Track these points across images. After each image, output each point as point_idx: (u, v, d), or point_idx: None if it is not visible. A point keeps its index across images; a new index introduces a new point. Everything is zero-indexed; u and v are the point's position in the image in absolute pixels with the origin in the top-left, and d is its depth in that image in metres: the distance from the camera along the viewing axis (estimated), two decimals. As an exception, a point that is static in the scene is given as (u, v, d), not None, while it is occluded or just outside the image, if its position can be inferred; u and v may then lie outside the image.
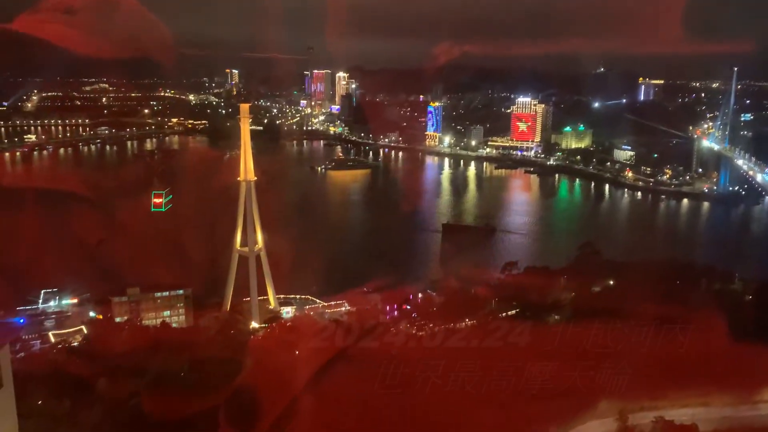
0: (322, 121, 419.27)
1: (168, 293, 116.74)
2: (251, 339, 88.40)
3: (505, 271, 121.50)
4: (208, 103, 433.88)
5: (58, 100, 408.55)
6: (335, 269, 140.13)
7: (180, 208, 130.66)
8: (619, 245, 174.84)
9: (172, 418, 49.31)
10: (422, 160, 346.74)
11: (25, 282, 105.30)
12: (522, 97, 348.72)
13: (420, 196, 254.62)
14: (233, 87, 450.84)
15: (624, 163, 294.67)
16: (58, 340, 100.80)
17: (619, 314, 73.45)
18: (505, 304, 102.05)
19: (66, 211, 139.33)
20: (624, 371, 56.29)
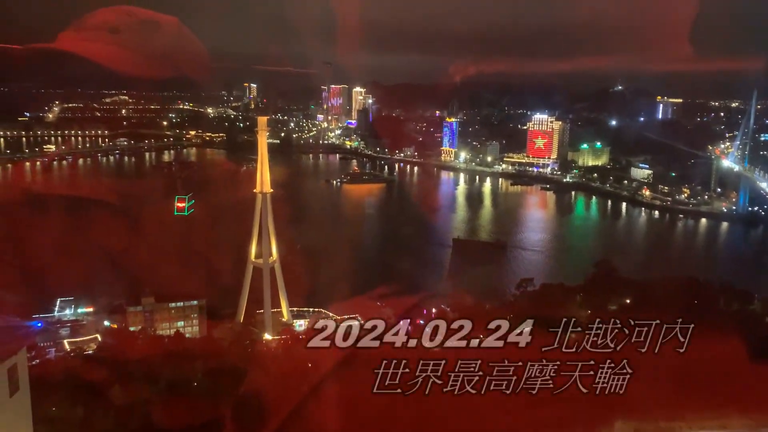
0: (338, 135, 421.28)
1: (182, 303, 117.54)
2: (264, 350, 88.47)
3: (520, 288, 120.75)
4: (226, 116, 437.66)
5: (78, 111, 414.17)
6: (349, 283, 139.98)
7: (197, 218, 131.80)
8: (635, 264, 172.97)
9: (184, 427, 49.37)
10: (437, 175, 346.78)
11: (41, 289, 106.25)
12: (539, 114, 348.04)
13: (435, 211, 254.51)
14: (251, 101, 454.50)
15: (641, 181, 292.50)
16: (73, 348, 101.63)
17: (635, 332, 72.68)
18: (519, 321, 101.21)
19: (84, 220, 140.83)
20: (639, 390, 55.47)
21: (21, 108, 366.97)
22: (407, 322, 31.58)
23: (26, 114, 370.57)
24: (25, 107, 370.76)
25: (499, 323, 31.78)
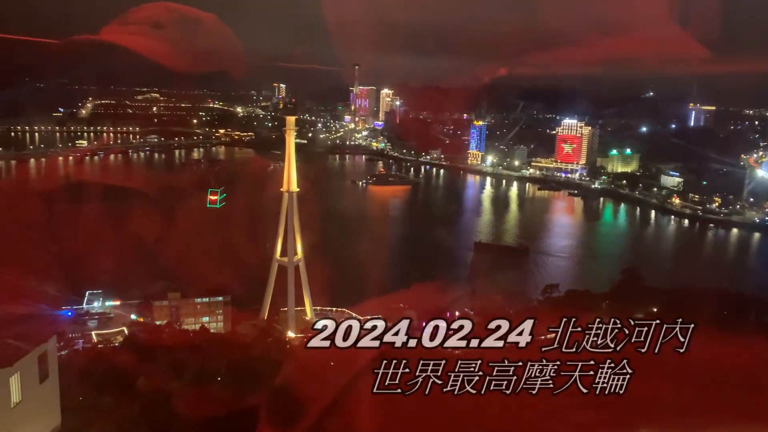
0: (365, 137, 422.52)
1: (208, 299, 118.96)
2: (287, 348, 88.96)
3: (545, 293, 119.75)
4: (254, 115, 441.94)
5: (111, 107, 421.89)
6: (372, 283, 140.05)
7: (223, 215, 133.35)
8: (664, 272, 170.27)
9: (207, 420, 49.89)
10: (464, 178, 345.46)
11: (71, 281, 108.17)
12: (568, 119, 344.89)
13: (460, 214, 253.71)
14: (280, 101, 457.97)
15: (671, 189, 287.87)
16: (100, 339, 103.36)
17: (663, 342, 71.50)
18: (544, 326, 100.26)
19: (114, 215, 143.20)
20: (666, 402, 54.54)
21: (56, 104, 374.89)
22: (407, 322, 31.40)
23: (60, 109, 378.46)
24: (60, 103, 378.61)
25: (499, 323, 31.56)
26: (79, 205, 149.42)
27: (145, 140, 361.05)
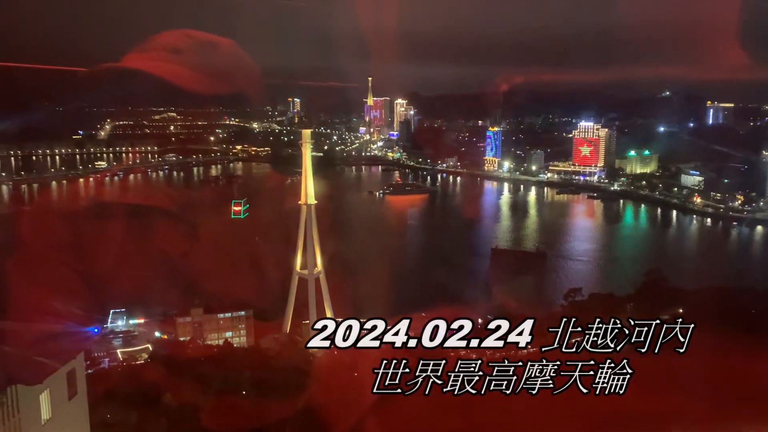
0: (381, 147, 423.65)
1: (230, 314, 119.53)
2: (310, 360, 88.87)
3: (568, 298, 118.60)
4: (270, 130, 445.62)
5: (128, 128, 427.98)
6: (393, 293, 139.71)
7: (244, 229, 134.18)
8: (687, 273, 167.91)
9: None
10: (481, 185, 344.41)
11: (96, 300, 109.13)
12: (584, 122, 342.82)
13: (478, 221, 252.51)
14: (295, 115, 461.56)
15: (692, 188, 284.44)
16: (126, 357, 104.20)
17: (689, 343, 70.37)
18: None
19: (137, 233, 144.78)
20: (695, 403, 53.74)
21: (75, 126, 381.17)
22: (407, 322, 31.31)
23: (80, 132, 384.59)
24: (79, 125, 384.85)
25: (499, 323, 31.37)
26: (102, 225, 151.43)
27: (164, 159, 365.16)
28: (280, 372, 71.02)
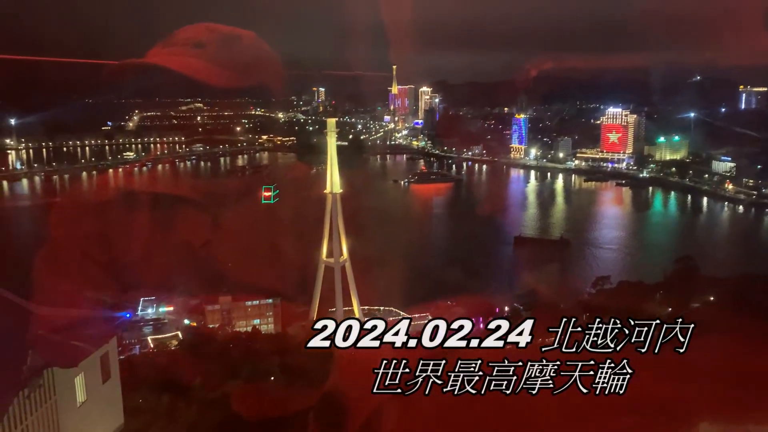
0: (405, 136, 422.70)
1: (258, 302, 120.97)
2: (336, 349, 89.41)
3: (596, 286, 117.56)
4: (296, 120, 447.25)
5: (156, 119, 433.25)
6: (419, 281, 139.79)
7: (271, 218, 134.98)
8: (719, 260, 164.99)
9: (262, 419, 50.67)
10: (507, 173, 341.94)
11: (126, 288, 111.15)
12: (612, 108, 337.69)
13: (504, 210, 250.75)
14: (320, 104, 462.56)
15: (723, 174, 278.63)
16: (156, 344, 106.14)
17: (720, 332, 69.26)
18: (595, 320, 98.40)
19: (167, 222, 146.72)
20: (726, 392, 52.78)
21: (104, 118, 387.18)
22: (407, 322, 31.19)
23: (109, 123, 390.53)
24: (108, 117, 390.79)
25: (499, 323, 31.12)
26: (133, 215, 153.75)
27: (191, 149, 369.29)
28: (307, 358, 71.57)
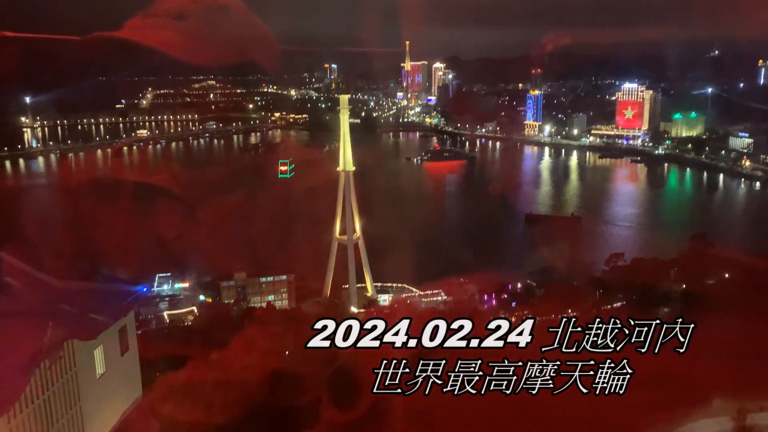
0: (418, 113, 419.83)
1: (272, 278, 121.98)
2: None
3: (610, 263, 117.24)
4: (308, 97, 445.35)
5: (169, 97, 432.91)
6: (432, 258, 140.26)
7: (287, 196, 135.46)
8: (735, 238, 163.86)
9: (278, 393, 51.46)
10: (521, 150, 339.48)
11: (142, 263, 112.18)
12: (628, 83, 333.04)
13: (518, 187, 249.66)
14: (332, 81, 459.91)
15: (741, 151, 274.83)
16: (172, 319, 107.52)
17: (736, 308, 69.07)
18: (609, 297, 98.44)
19: (182, 199, 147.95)
20: (741, 369, 52.78)
21: (118, 96, 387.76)
22: (407, 322, 31.24)
23: (122, 101, 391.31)
24: (122, 95, 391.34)
25: (499, 323, 31.15)
26: (149, 191, 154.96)
27: (204, 127, 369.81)
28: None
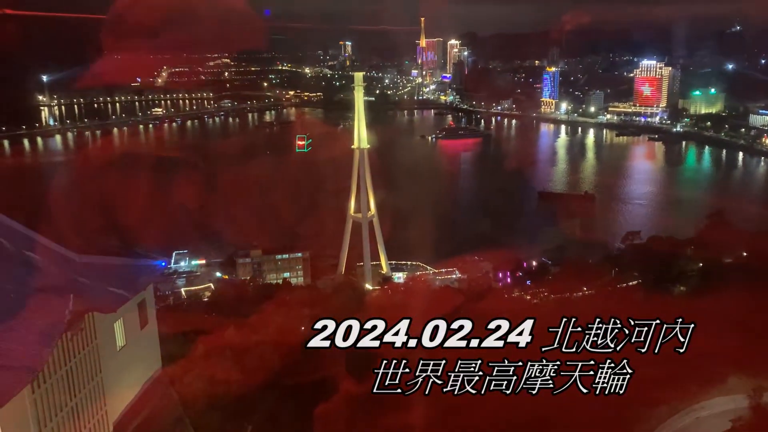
0: (433, 90, 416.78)
1: (288, 255, 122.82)
2: (366, 299, 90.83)
3: (626, 241, 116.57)
4: (322, 75, 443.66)
5: (184, 75, 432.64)
6: (446, 236, 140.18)
7: (299, 173, 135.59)
8: (753, 216, 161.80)
9: (294, 367, 51.99)
10: (536, 127, 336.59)
11: (160, 239, 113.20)
12: (646, 60, 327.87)
13: (533, 165, 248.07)
14: (346, 59, 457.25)
15: (761, 129, 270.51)
16: (189, 295, 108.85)
17: (754, 286, 68.47)
18: (625, 274, 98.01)
19: (198, 176, 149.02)
20: (757, 347, 52.49)
21: (133, 74, 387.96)
22: (407, 322, 31.23)
23: (138, 79, 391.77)
24: (137, 73, 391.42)
25: (499, 323, 31.09)
26: (166, 168, 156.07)
27: (219, 105, 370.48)
28: (337, 309, 72.82)
